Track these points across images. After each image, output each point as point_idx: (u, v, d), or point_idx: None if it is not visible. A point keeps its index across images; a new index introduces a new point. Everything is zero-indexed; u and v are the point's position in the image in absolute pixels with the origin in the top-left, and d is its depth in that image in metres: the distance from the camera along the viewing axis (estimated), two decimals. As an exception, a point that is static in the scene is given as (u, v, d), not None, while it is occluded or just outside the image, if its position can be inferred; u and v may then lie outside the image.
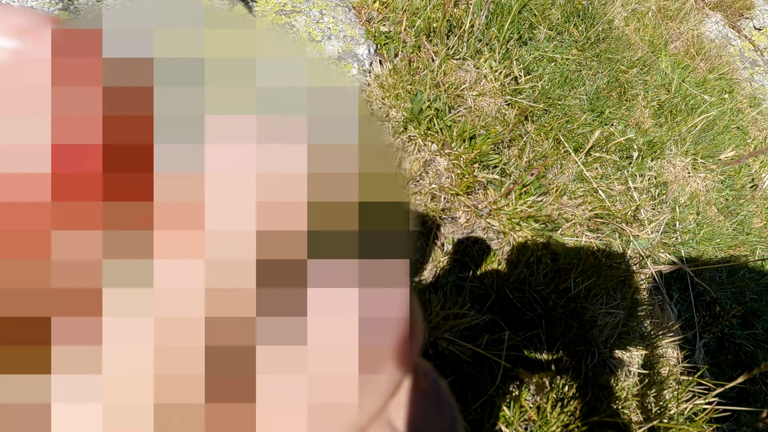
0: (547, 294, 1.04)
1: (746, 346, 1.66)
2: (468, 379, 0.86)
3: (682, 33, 3.02)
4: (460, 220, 1.13)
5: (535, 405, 0.90)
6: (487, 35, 1.63)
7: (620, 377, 1.01)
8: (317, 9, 1.55)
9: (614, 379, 1.00)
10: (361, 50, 1.42)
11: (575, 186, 1.43)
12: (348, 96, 0.13)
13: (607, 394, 0.95)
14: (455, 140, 1.19)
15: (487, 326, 0.95)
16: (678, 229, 1.68)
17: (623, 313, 1.07)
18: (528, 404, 0.89)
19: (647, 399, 0.97)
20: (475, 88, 1.44)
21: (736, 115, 2.68)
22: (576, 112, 1.64)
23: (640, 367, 1.04)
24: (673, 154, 1.97)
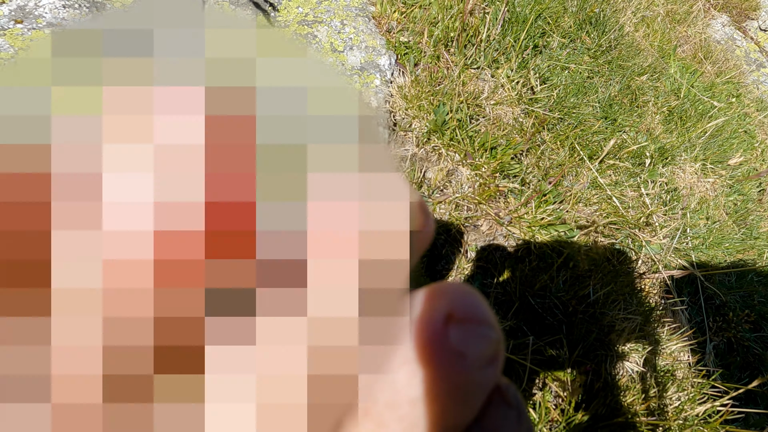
0: (567, 300, 1.09)
1: (755, 348, 1.70)
2: (495, 382, 0.91)
3: (690, 36, 3.05)
4: (483, 228, 1.17)
5: (558, 407, 0.94)
6: (503, 45, 1.67)
7: (637, 380, 1.05)
8: (338, 19, 1.60)
9: (632, 381, 1.04)
10: (383, 61, 1.46)
11: (590, 193, 1.47)
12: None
13: (626, 396, 0.99)
14: (477, 150, 1.23)
15: (511, 331, 1.00)
16: (688, 234, 1.72)
17: (640, 319, 1.11)
18: (551, 405, 0.94)
19: (663, 401, 1.02)
20: (493, 97, 1.48)
21: (744, 120, 2.71)
22: (590, 119, 1.69)
23: (656, 371, 1.08)
24: (683, 160, 2.01)
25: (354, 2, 1.68)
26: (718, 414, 1.01)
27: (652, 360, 1.11)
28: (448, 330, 0.12)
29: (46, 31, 1.48)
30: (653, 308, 1.17)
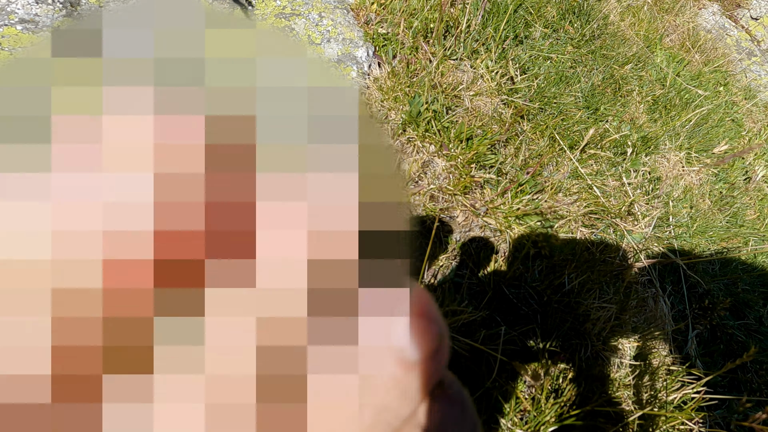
0: (542, 290, 1.09)
1: (738, 336, 1.70)
2: (466, 372, 0.91)
3: (678, 26, 3.04)
4: (459, 220, 1.17)
5: (530, 396, 0.94)
6: (483, 35, 1.66)
7: (613, 368, 1.05)
8: (316, 12, 1.58)
9: (607, 370, 1.04)
10: (360, 53, 1.45)
11: (570, 183, 1.47)
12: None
13: (600, 385, 0.99)
14: (453, 141, 1.23)
15: (484, 322, 1.00)
16: (671, 223, 1.72)
17: (615, 307, 1.11)
18: (524, 395, 0.94)
19: (638, 389, 1.02)
20: (472, 88, 1.47)
21: (731, 108, 2.71)
22: (571, 109, 1.68)
23: (632, 359, 1.08)
24: (667, 149, 2.01)
25: (332, -6, 1.66)
26: (693, 401, 1.02)
27: (628, 348, 1.11)
28: (389, 325, 0.12)
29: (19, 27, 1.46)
30: (630, 297, 1.17)
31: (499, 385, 0.90)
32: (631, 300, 1.18)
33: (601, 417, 0.92)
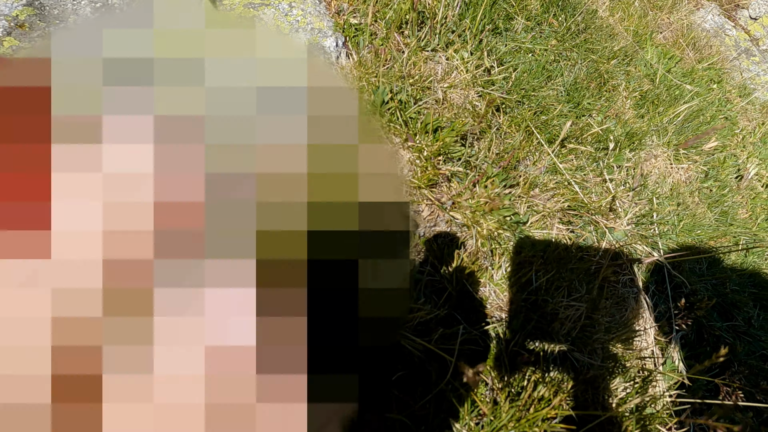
0: (508, 287, 1.03)
1: (725, 337, 1.64)
2: (419, 373, 0.85)
3: (671, 23, 2.99)
4: (424, 214, 1.11)
5: (491, 399, 0.89)
6: (460, 26, 1.61)
7: (581, 370, 1.00)
8: (287, 2, 1.54)
9: (574, 372, 0.98)
10: (328, 42, 1.40)
11: (548, 178, 1.41)
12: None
13: (567, 388, 0.93)
14: (419, 133, 1.18)
15: (444, 319, 0.94)
16: (656, 220, 1.66)
17: (585, 306, 1.05)
18: (485, 398, 0.88)
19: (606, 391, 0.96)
20: (446, 80, 1.42)
21: (725, 105, 2.66)
22: (552, 103, 1.62)
23: (602, 360, 1.03)
24: (654, 145, 1.95)
25: (305, -16, 1.62)
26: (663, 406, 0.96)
27: (599, 350, 1.05)
28: None
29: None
30: (603, 296, 1.11)
31: (454, 388, 0.84)
32: (605, 299, 1.13)
33: (564, 421, 0.86)
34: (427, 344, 0.84)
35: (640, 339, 1.27)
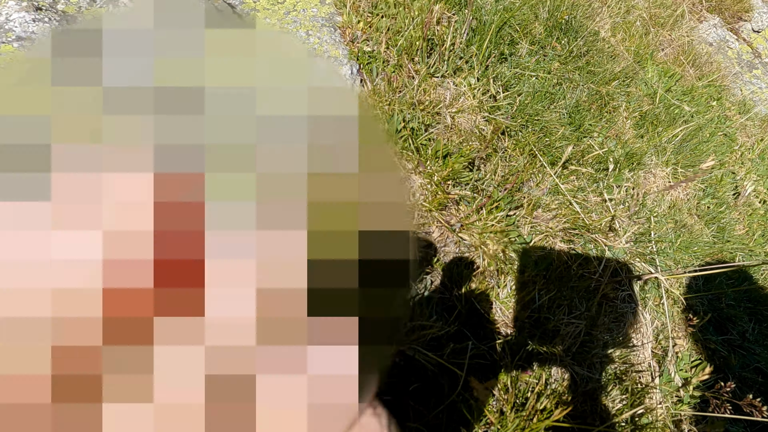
0: (513, 305, 1.11)
1: (720, 351, 1.71)
2: (432, 386, 0.93)
3: (673, 40, 3.07)
4: (434, 235, 1.19)
5: (498, 409, 0.96)
6: (467, 53, 1.70)
7: (581, 384, 1.07)
8: (304, 30, 1.63)
9: (575, 385, 1.06)
10: (344, 70, 1.49)
11: (550, 199, 1.49)
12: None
13: (567, 400, 1.01)
14: (430, 159, 1.26)
15: (454, 335, 1.02)
16: (653, 238, 1.74)
17: (585, 323, 1.13)
18: (492, 409, 0.96)
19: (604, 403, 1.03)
20: (454, 105, 1.51)
21: (724, 122, 2.72)
22: (554, 126, 1.71)
23: (600, 374, 1.10)
24: (653, 164, 2.03)
25: (321, 12, 1.71)
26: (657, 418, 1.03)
27: (597, 364, 1.13)
28: None
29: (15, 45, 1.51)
30: (602, 313, 1.19)
31: (465, 399, 0.92)
32: (603, 316, 1.20)
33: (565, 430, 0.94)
34: (439, 359, 0.92)
35: (638, 353, 1.35)
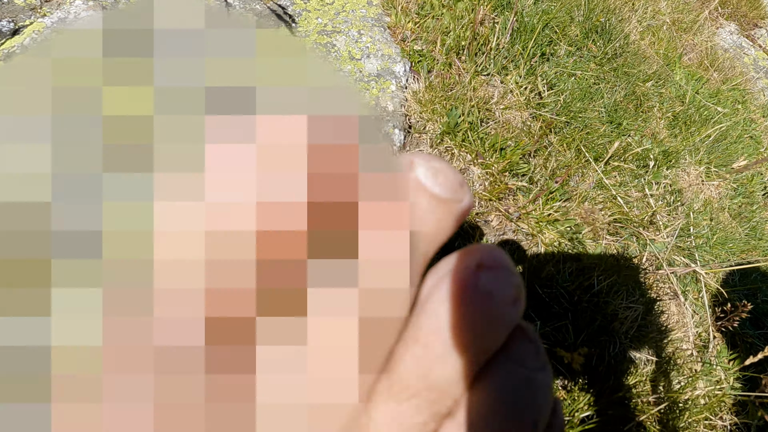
0: (572, 290, 1.16)
1: (758, 344, 1.75)
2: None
3: (696, 45, 3.11)
4: (493, 224, 1.25)
5: (564, 387, 1.01)
6: (511, 52, 1.76)
7: (639, 366, 1.12)
8: (356, 29, 1.69)
9: (633, 366, 1.11)
10: (398, 68, 1.55)
11: (595, 193, 1.55)
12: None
13: (627, 378, 1.06)
14: (488, 150, 1.32)
15: (519, 317, 1.07)
16: (692, 233, 1.79)
17: (641, 308, 1.18)
18: (557, 385, 1.01)
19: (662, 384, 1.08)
20: (502, 102, 1.57)
21: (749, 125, 2.76)
22: (595, 123, 1.76)
23: (657, 357, 1.15)
24: (687, 163, 2.08)
25: (370, 13, 1.78)
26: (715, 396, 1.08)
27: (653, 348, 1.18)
28: (479, 275, 0.14)
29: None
30: (655, 300, 1.24)
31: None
32: (655, 304, 1.25)
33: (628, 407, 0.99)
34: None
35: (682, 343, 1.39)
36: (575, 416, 0.93)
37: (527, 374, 0.14)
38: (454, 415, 0.14)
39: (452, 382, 0.14)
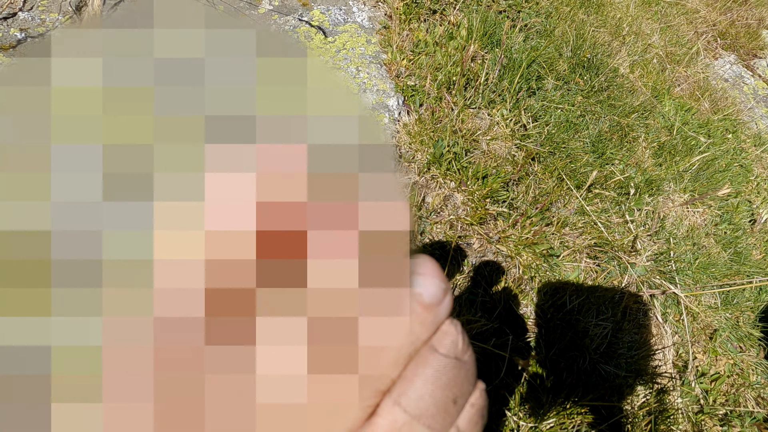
0: (546, 308, 1.25)
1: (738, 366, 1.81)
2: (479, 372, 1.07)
3: (688, 76, 3.23)
4: (474, 246, 1.35)
5: (534, 396, 1.10)
6: (499, 87, 1.89)
7: (607, 378, 1.21)
8: (354, 66, 1.84)
9: (602, 380, 1.19)
10: (391, 102, 1.69)
11: (576, 218, 1.65)
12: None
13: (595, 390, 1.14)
14: (470, 179, 1.43)
15: (495, 331, 1.17)
16: (673, 258, 1.87)
17: (611, 326, 1.27)
18: (530, 395, 1.10)
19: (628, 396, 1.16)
20: (489, 133, 1.69)
21: (739, 154, 2.84)
22: (579, 153, 1.87)
23: (626, 371, 1.23)
24: (671, 191, 2.17)
25: (368, 51, 1.92)
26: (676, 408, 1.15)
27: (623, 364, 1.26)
28: (414, 280, 0.16)
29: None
30: (626, 318, 1.32)
31: (507, 384, 1.06)
32: (627, 321, 1.34)
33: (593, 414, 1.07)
34: (487, 346, 1.07)
35: (659, 363, 1.47)
36: (541, 424, 1.02)
37: (450, 360, 0.17)
38: (390, 392, 0.16)
39: (390, 364, 0.16)
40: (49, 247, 0.11)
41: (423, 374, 0.16)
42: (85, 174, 0.12)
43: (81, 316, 0.12)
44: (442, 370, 0.17)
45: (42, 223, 0.11)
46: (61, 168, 0.12)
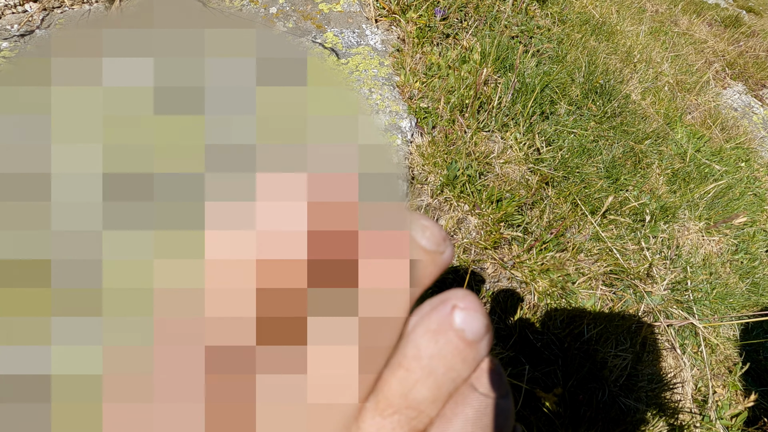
0: (563, 337, 1.21)
1: (762, 402, 1.74)
2: (493, 403, 1.03)
3: (699, 104, 3.22)
4: (488, 271, 1.32)
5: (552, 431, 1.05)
6: (512, 111, 1.87)
7: (629, 414, 1.15)
8: (366, 87, 1.84)
9: (623, 414, 1.14)
10: (404, 123, 1.67)
11: (591, 245, 1.61)
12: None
13: (615, 426, 1.09)
14: (484, 202, 1.40)
15: (510, 361, 1.12)
16: (690, 287, 1.82)
17: (631, 357, 1.22)
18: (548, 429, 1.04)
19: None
20: (502, 157, 1.67)
21: (753, 183, 2.81)
22: (593, 179, 1.85)
23: (647, 406, 1.18)
24: (686, 218, 2.13)
25: (381, 73, 1.92)
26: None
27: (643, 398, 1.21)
28: (454, 314, 0.16)
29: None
30: (645, 350, 1.27)
31: (523, 417, 1.01)
32: (647, 353, 1.29)
33: (616, 453, 1.01)
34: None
35: (679, 396, 1.41)
36: (560, 459, 0.96)
37: (490, 401, 0.17)
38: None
39: (428, 403, 0.16)
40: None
41: (463, 414, 0.16)
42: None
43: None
44: (483, 410, 0.17)
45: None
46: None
